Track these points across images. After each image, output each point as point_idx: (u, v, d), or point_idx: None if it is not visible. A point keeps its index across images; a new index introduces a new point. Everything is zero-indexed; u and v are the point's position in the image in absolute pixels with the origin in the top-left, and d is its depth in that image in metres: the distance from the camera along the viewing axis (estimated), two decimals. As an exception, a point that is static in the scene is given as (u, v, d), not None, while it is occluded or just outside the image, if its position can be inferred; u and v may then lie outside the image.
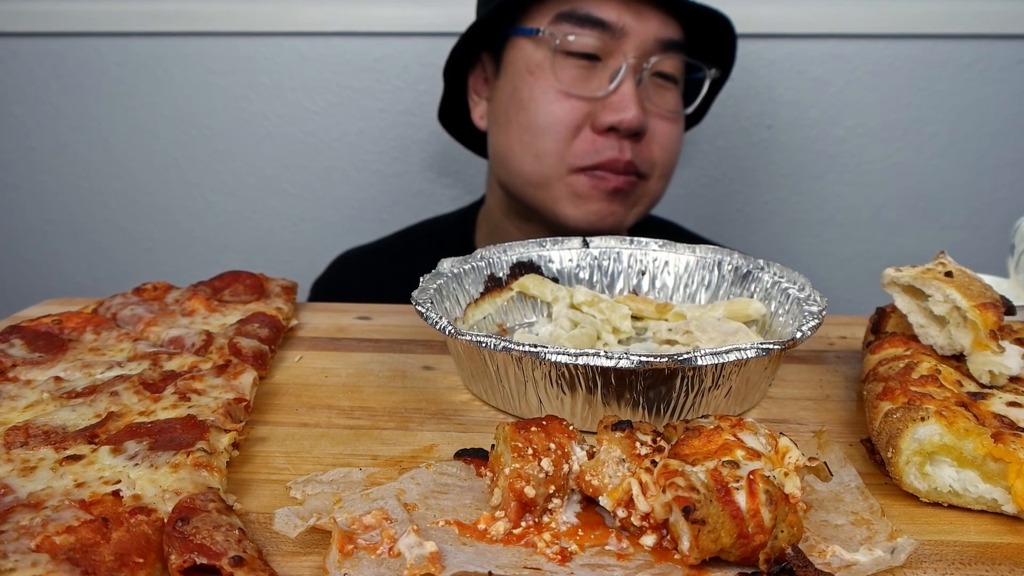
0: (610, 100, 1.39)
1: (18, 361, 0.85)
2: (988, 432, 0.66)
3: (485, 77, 1.56)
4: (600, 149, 1.40)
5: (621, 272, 1.07)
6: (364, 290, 1.64)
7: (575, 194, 1.43)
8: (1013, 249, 1.10)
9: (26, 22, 1.97)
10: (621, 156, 1.39)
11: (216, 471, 0.65)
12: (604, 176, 1.41)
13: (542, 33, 1.40)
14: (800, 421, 0.83)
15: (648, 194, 1.49)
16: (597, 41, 1.39)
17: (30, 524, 0.56)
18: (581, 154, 1.41)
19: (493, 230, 1.64)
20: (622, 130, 1.38)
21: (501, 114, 1.49)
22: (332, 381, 0.90)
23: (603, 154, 1.40)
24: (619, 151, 1.39)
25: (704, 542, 0.55)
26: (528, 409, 0.80)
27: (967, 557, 0.61)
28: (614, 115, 1.37)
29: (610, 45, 1.39)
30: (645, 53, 1.40)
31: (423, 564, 0.55)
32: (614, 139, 1.39)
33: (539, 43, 1.42)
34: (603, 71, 1.41)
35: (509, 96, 1.46)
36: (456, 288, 0.97)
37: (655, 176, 1.47)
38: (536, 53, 1.42)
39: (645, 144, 1.43)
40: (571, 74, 1.41)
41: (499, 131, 1.49)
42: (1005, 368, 0.76)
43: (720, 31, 1.48)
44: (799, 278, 0.95)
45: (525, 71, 1.43)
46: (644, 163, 1.43)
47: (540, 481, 0.60)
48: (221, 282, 1.09)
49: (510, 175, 1.49)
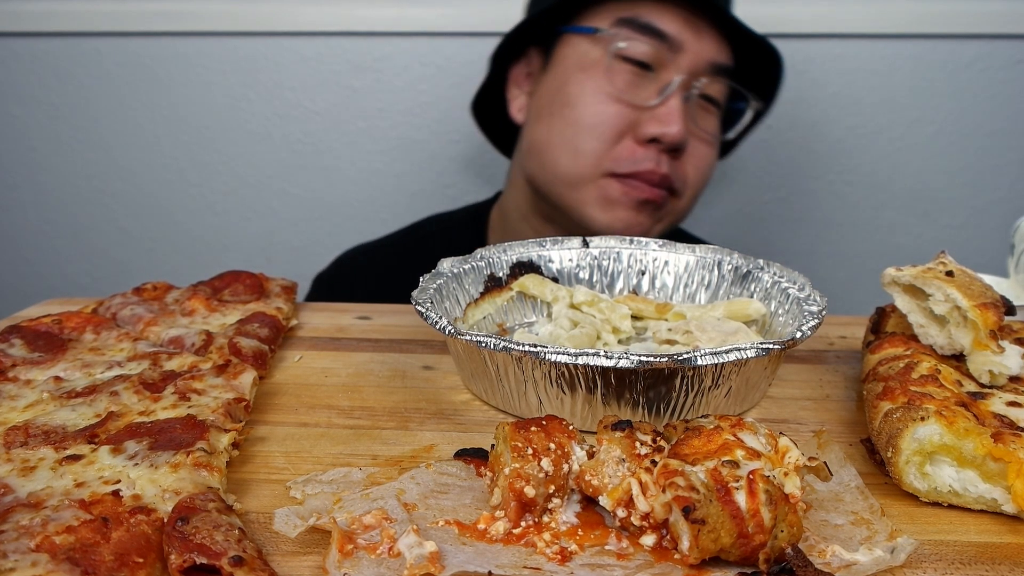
0: (657, 111, 1.39)
1: (18, 361, 0.85)
2: (988, 432, 0.66)
3: (529, 71, 1.56)
4: (639, 159, 1.40)
5: (621, 272, 1.07)
6: (368, 287, 1.63)
7: (605, 198, 1.43)
8: (1013, 249, 1.09)
9: (26, 22, 1.97)
10: (658, 168, 1.40)
11: (216, 471, 0.65)
12: (637, 185, 1.41)
13: (602, 32, 1.41)
14: (800, 421, 0.83)
15: (676, 211, 1.50)
16: (653, 51, 1.39)
17: (30, 524, 0.56)
18: (619, 160, 1.41)
19: (509, 231, 1.62)
20: (664, 143, 1.39)
21: (544, 108, 1.48)
22: (332, 381, 0.90)
23: (641, 164, 1.40)
24: (656, 163, 1.40)
25: (704, 542, 0.55)
26: (528, 409, 0.80)
27: (967, 557, 0.61)
28: (659, 127, 1.38)
29: (665, 57, 1.40)
30: (697, 72, 1.41)
31: (423, 564, 0.55)
32: (653, 151, 1.40)
33: (596, 42, 1.42)
34: (653, 82, 1.41)
35: (555, 91, 1.46)
36: (456, 288, 0.97)
37: (686, 195, 1.48)
38: (591, 52, 1.43)
39: (681, 161, 1.43)
40: (623, 79, 1.41)
41: (539, 125, 1.48)
42: (1005, 368, 0.76)
43: (769, 64, 1.49)
44: (799, 278, 0.95)
45: (577, 68, 1.43)
46: (678, 180, 1.44)
47: (540, 481, 0.60)
48: (221, 282, 1.09)
49: (544, 170, 1.48)
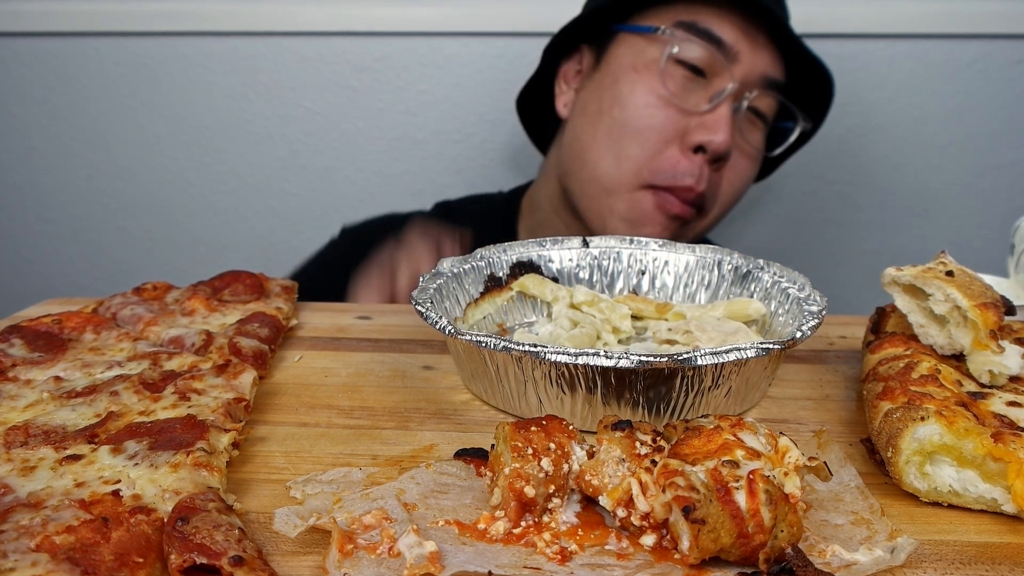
0: (706, 118, 1.38)
1: (18, 361, 0.85)
2: (988, 432, 0.66)
3: (579, 68, 1.54)
4: (680, 172, 1.39)
5: (621, 272, 1.07)
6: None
7: (635, 212, 1.42)
8: (1013, 249, 1.10)
9: (26, 22, 1.97)
10: (696, 187, 1.39)
11: (216, 471, 0.65)
12: (671, 200, 1.40)
13: (662, 32, 1.40)
14: (800, 421, 0.83)
15: (697, 229, 1.49)
16: (709, 57, 1.38)
17: (30, 524, 0.56)
18: (661, 171, 1.40)
19: (539, 223, 1.61)
20: (709, 151, 1.38)
21: (592, 104, 1.47)
22: (332, 381, 0.90)
23: (681, 179, 1.39)
24: (696, 180, 1.39)
25: (704, 542, 0.55)
26: (528, 409, 0.80)
27: (967, 557, 0.61)
28: (707, 134, 1.37)
29: (719, 65, 1.39)
30: (749, 84, 1.40)
31: (423, 564, 0.55)
32: (697, 162, 1.39)
33: (653, 42, 1.41)
34: (705, 89, 1.40)
35: (606, 89, 1.45)
36: (456, 288, 0.97)
37: (713, 212, 1.47)
38: (646, 52, 1.42)
39: (719, 173, 1.43)
40: (676, 82, 1.40)
41: (585, 122, 1.47)
42: (1005, 368, 0.76)
43: (820, 84, 1.48)
44: (799, 278, 0.95)
45: (631, 68, 1.42)
46: (711, 198, 1.43)
47: (540, 481, 0.60)
48: (221, 282, 1.09)
49: (583, 169, 1.46)
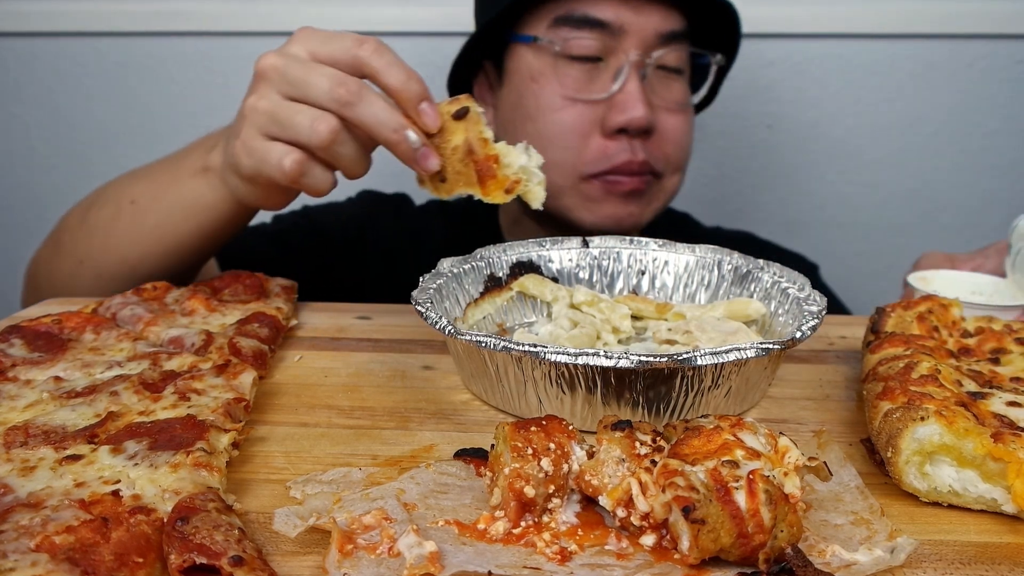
0: (616, 100, 1.36)
1: (18, 361, 0.85)
2: (988, 432, 0.66)
3: (490, 84, 1.53)
4: (611, 154, 1.37)
5: (621, 272, 1.07)
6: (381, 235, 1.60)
7: (588, 199, 1.41)
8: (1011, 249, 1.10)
9: (26, 22, 1.97)
10: (634, 157, 1.36)
11: (216, 471, 0.65)
12: (617, 180, 1.38)
13: (540, 40, 1.38)
14: (800, 421, 0.83)
15: (665, 190, 1.46)
16: (597, 42, 1.36)
17: (30, 524, 0.56)
18: (592, 161, 1.38)
19: (513, 223, 1.61)
20: (631, 129, 1.35)
21: (508, 123, 1.46)
22: (332, 381, 0.90)
23: (615, 159, 1.37)
24: (631, 152, 1.36)
25: (704, 542, 0.55)
26: (528, 409, 0.80)
27: (967, 557, 0.61)
28: (622, 115, 1.35)
29: (611, 44, 1.36)
30: (647, 48, 1.37)
31: (423, 564, 0.55)
32: (625, 141, 1.37)
33: (539, 50, 1.39)
34: (606, 71, 1.38)
35: (514, 106, 1.44)
36: (456, 288, 0.97)
37: (669, 172, 1.45)
38: (537, 61, 1.40)
39: (656, 141, 1.40)
40: (574, 78, 1.38)
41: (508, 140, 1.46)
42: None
43: (722, 16, 1.44)
44: (799, 278, 0.95)
45: (529, 79, 1.41)
46: (658, 161, 1.40)
47: (540, 481, 0.60)
48: (221, 282, 1.09)
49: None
